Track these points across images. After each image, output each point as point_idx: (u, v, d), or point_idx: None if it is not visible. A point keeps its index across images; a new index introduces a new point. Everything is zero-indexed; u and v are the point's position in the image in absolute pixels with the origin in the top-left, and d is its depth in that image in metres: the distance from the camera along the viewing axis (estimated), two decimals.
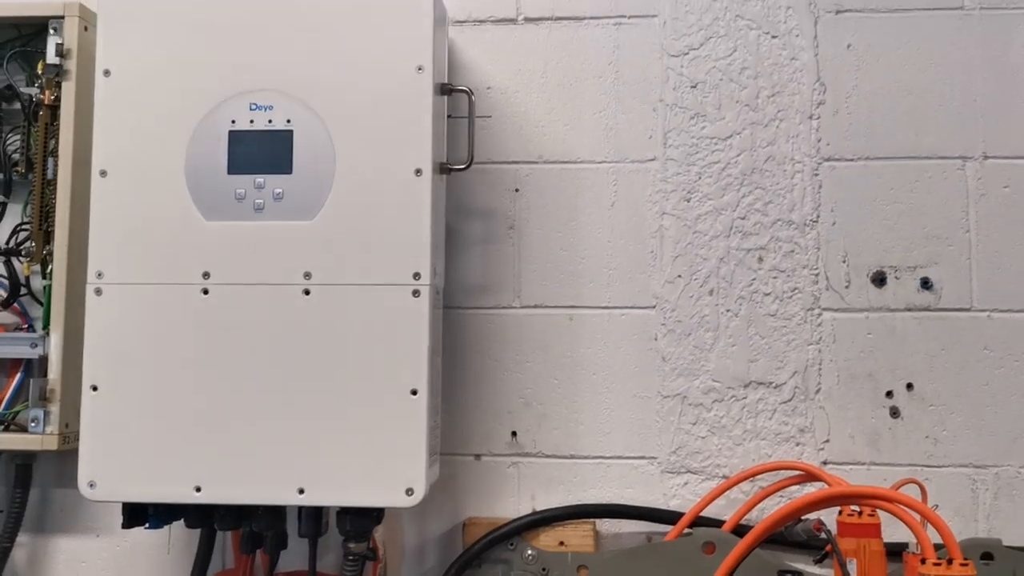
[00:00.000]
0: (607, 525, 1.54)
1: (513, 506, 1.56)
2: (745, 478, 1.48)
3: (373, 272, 1.26)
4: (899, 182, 1.55)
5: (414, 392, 1.25)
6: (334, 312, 1.25)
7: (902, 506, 1.08)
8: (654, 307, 1.57)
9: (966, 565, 0.99)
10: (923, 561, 1.00)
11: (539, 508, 1.54)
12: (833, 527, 1.32)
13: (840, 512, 1.31)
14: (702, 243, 1.57)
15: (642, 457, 1.55)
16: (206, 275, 1.27)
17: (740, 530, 1.42)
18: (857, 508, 1.30)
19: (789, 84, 1.57)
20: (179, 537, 1.58)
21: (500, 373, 1.58)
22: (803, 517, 1.16)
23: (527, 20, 1.62)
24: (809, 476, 1.42)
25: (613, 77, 1.60)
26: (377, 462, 1.24)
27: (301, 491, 1.24)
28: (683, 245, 1.57)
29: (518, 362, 1.58)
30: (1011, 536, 1.45)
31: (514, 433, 1.57)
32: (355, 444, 1.24)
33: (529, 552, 1.48)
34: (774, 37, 1.58)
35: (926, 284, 1.52)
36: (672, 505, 1.53)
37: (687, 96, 1.58)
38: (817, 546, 1.40)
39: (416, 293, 1.25)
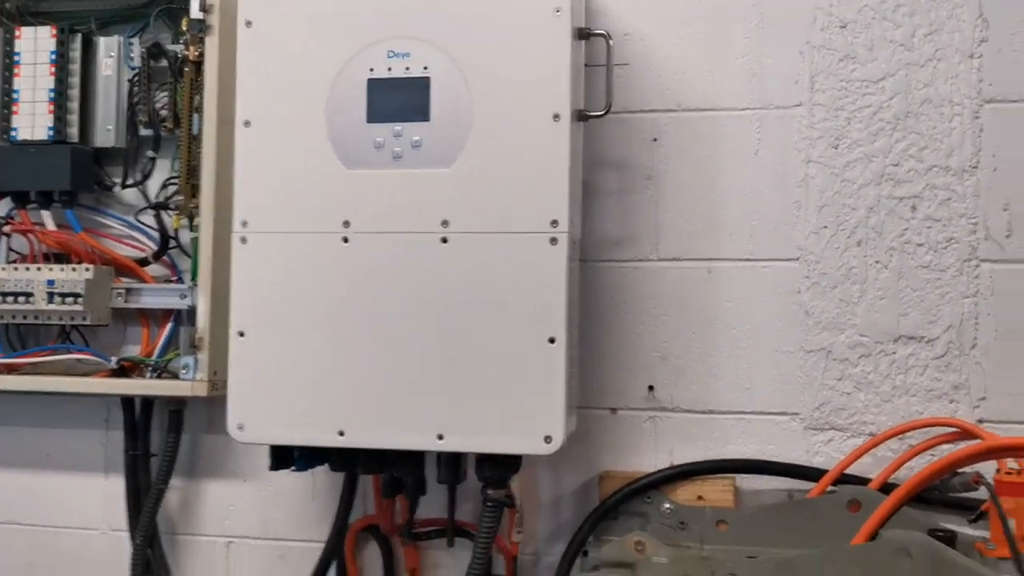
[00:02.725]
0: (746, 481, 1.50)
1: (649, 460, 1.54)
2: (894, 435, 1.41)
3: (511, 220, 1.25)
4: None
5: (552, 340, 1.24)
6: (472, 260, 1.25)
7: None
8: (798, 259, 1.51)
9: None
10: None
11: (676, 463, 1.51)
12: None
13: (997, 470, 1.24)
14: (850, 192, 1.50)
15: (784, 413, 1.51)
16: (346, 224, 1.28)
17: (887, 488, 1.35)
18: (1016, 466, 1.22)
19: (948, 22, 1.47)
20: (322, 484, 1.62)
21: (636, 327, 1.55)
22: (959, 471, 1.10)
23: None
24: (964, 433, 1.34)
25: (757, 20, 1.53)
26: (515, 409, 1.24)
27: (440, 437, 1.25)
28: (830, 194, 1.50)
29: (655, 316, 1.55)
30: None
31: (651, 387, 1.55)
32: (494, 391, 1.24)
33: (667, 506, 1.46)
34: None
35: None
36: (815, 462, 1.48)
37: (836, 37, 1.50)
38: (971, 507, 1.34)
39: (554, 241, 1.24)
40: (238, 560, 1.66)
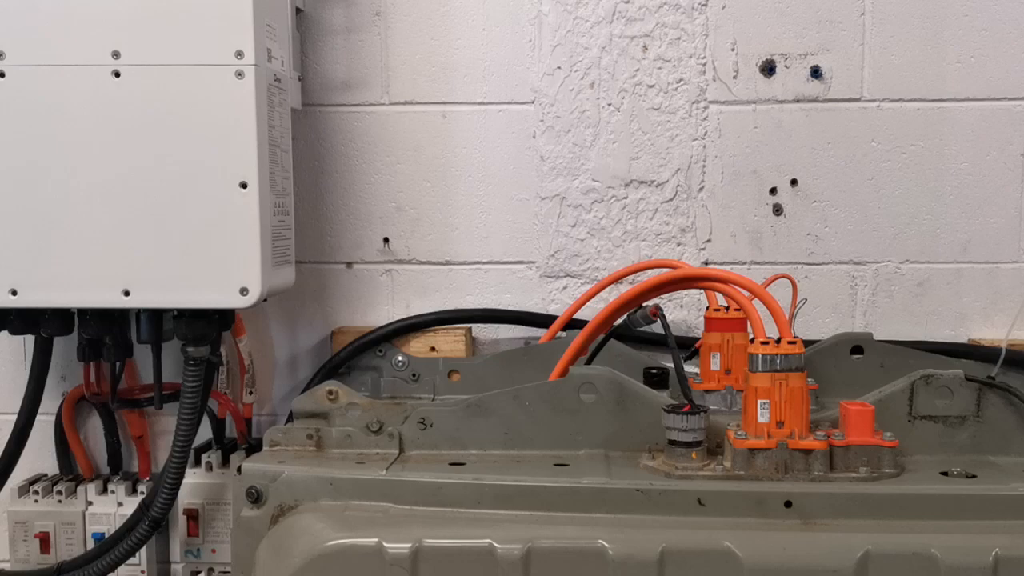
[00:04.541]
0: (485, 332, 1.49)
1: (387, 314, 1.50)
2: (617, 278, 1.41)
3: (190, 51, 1.12)
4: None
5: (244, 185, 1.14)
6: (149, 96, 1.12)
7: (735, 286, 1.02)
8: (532, 102, 1.46)
9: (794, 343, 0.93)
10: (752, 340, 0.95)
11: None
12: (702, 323, 1.27)
13: (708, 308, 1.26)
14: (583, 30, 1.45)
15: (520, 262, 1.49)
16: (0, 55, 1.12)
17: (615, 331, 1.36)
18: (725, 304, 1.25)
19: None
20: None
21: (369, 176, 1.48)
22: (644, 304, 1.11)
23: None
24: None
25: None
26: (208, 261, 1.14)
27: (127, 293, 1.15)
28: (563, 33, 1.45)
29: (388, 164, 1.48)
30: (886, 332, 1.42)
31: (386, 239, 1.49)
32: (182, 242, 1.14)
33: (399, 358, 1.43)
34: None
35: (816, 73, 1.43)
36: (551, 310, 1.48)
37: None
38: (689, 345, 1.37)
39: (240, 74, 1.12)
40: None
